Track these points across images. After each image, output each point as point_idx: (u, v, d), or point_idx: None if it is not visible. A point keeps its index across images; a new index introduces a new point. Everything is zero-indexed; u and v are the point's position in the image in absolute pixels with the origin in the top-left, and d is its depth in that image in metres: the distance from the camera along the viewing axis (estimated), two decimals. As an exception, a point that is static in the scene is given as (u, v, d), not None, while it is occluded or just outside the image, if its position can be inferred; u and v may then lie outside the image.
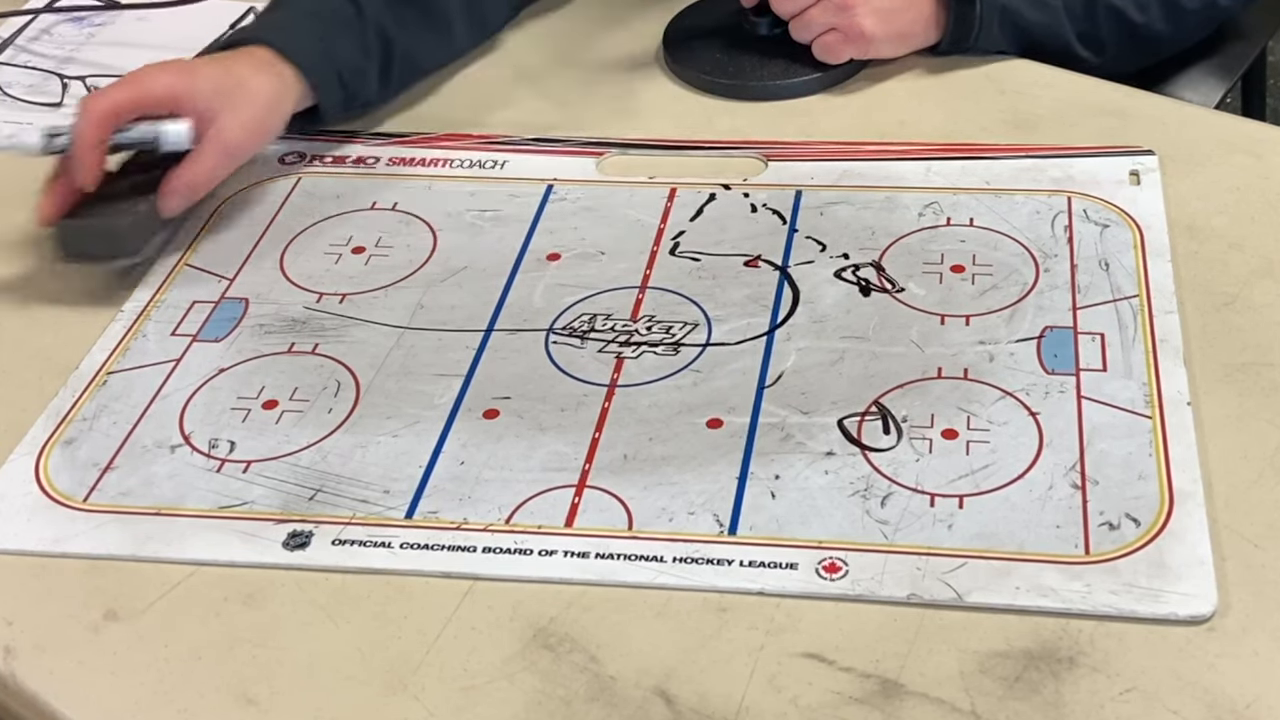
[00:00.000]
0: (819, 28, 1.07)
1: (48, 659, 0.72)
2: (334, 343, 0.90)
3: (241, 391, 0.87)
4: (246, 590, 0.75)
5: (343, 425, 0.84)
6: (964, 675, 0.67)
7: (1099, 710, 0.66)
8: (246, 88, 0.98)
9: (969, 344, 0.86)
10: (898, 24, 1.07)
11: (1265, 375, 0.82)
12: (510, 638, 0.71)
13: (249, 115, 0.97)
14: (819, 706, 0.67)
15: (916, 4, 1.07)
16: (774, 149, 1.04)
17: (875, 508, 0.76)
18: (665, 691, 0.68)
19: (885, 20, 1.06)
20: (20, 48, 1.26)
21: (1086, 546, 0.72)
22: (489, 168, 1.05)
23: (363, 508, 0.78)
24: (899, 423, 0.81)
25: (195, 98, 0.96)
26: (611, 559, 0.74)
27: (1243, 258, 0.90)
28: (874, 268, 0.92)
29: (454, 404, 0.85)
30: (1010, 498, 0.76)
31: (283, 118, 1.01)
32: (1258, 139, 1.02)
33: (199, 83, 0.96)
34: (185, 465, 0.82)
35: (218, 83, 0.97)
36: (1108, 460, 0.77)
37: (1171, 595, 0.70)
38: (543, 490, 0.78)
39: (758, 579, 0.73)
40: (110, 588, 0.76)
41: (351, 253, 0.98)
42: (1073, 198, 0.96)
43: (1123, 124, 1.04)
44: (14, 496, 0.81)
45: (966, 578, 0.71)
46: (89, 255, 0.97)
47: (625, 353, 0.87)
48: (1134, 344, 0.84)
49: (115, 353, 0.91)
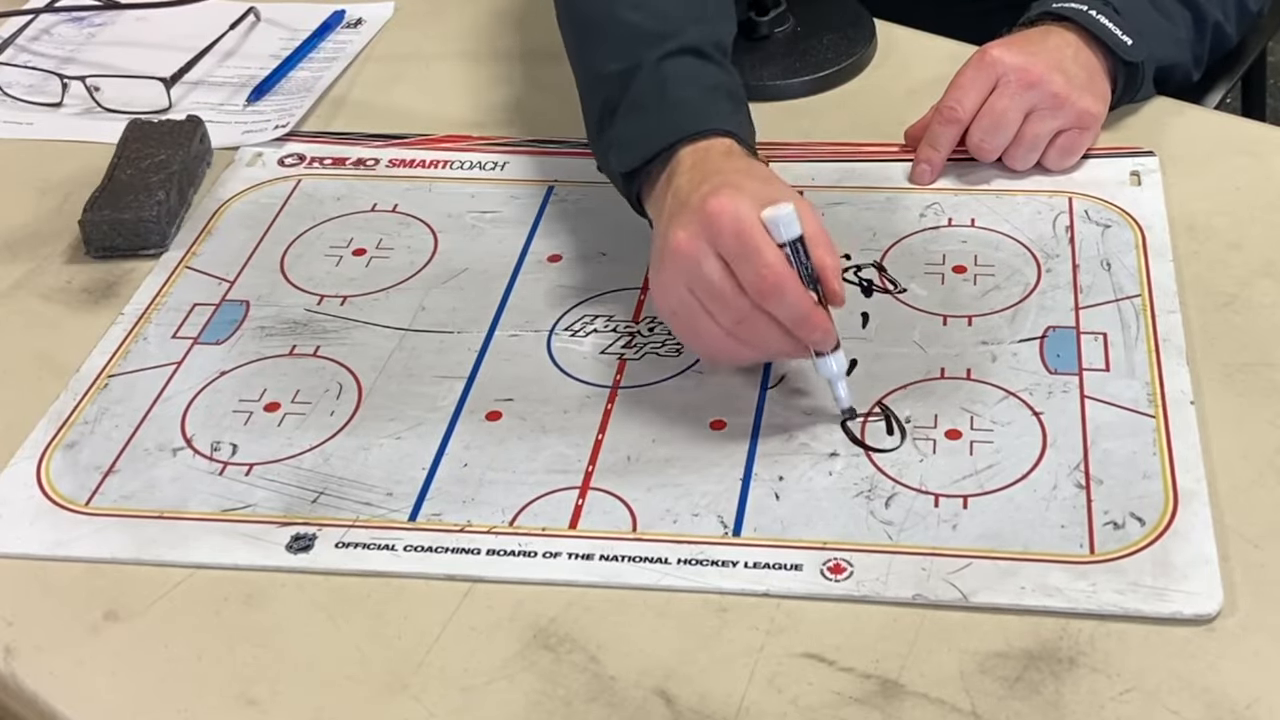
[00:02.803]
0: (1046, 139, 0.98)
1: (48, 659, 0.72)
2: (336, 345, 0.90)
3: (243, 394, 0.87)
4: (246, 590, 0.75)
5: (345, 428, 0.84)
6: (964, 675, 0.67)
7: (1099, 710, 0.66)
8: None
9: (972, 344, 0.86)
10: (1097, 89, 0.99)
11: (1265, 375, 0.82)
12: (510, 638, 0.71)
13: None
14: (819, 706, 0.67)
15: (1091, 64, 0.99)
16: (774, 149, 1.04)
17: (879, 508, 0.76)
18: (665, 691, 0.68)
19: (1090, 90, 0.98)
20: (20, 48, 1.26)
21: (1091, 546, 0.72)
22: (490, 169, 1.05)
23: (366, 510, 0.78)
24: (902, 423, 0.81)
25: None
26: (616, 561, 0.74)
27: (1243, 258, 0.90)
28: (876, 268, 0.92)
29: (456, 406, 0.84)
30: (1014, 498, 0.76)
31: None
32: (1258, 139, 1.02)
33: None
34: (187, 468, 0.82)
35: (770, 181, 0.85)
36: (1112, 460, 0.77)
37: (1177, 594, 0.70)
38: (546, 492, 0.78)
39: (763, 580, 0.72)
40: (110, 588, 0.75)
41: (352, 255, 0.98)
42: (1074, 198, 0.97)
43: (1123, 124, 1.04)
44: (16, 500, 0.81)
45: (972, 578, 0.71)
46: (116, 249, 0.99)
47: (627, 354, 0.87)
48: (1137, 343, 0.84)
49: (116, 356, 0.90)
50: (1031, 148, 0.98)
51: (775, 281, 0.77)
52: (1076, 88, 0.97)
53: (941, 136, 0.99)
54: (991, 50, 0.98)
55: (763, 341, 0.80)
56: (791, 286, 0.77)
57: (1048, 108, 0.97)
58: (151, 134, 1.06)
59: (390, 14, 1.28)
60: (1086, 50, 0.99)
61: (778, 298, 0.77)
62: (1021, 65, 0.97)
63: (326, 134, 1.11)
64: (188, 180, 1.04)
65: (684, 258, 0.79)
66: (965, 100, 0.98)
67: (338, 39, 1.25)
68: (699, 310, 0.80)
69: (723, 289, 0.78)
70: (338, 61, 1.21)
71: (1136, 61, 1.00)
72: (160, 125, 1.07)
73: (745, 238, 0.77)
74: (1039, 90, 0.96)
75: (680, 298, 0.80)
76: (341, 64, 1.20)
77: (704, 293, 0.79)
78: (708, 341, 0.81)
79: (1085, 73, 0.98)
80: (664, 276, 0.81)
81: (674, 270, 0.80)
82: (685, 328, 0.82)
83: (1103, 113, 0.99)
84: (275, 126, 1.12)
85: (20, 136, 1.14)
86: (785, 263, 0.77)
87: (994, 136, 0.98)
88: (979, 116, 0.98)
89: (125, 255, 0.99)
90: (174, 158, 1.03)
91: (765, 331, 0.79)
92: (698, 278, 0.79)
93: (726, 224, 0.78)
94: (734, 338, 0.80)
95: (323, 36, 1.24)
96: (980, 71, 0.98)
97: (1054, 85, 0.96)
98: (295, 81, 1.19)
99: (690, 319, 0.81)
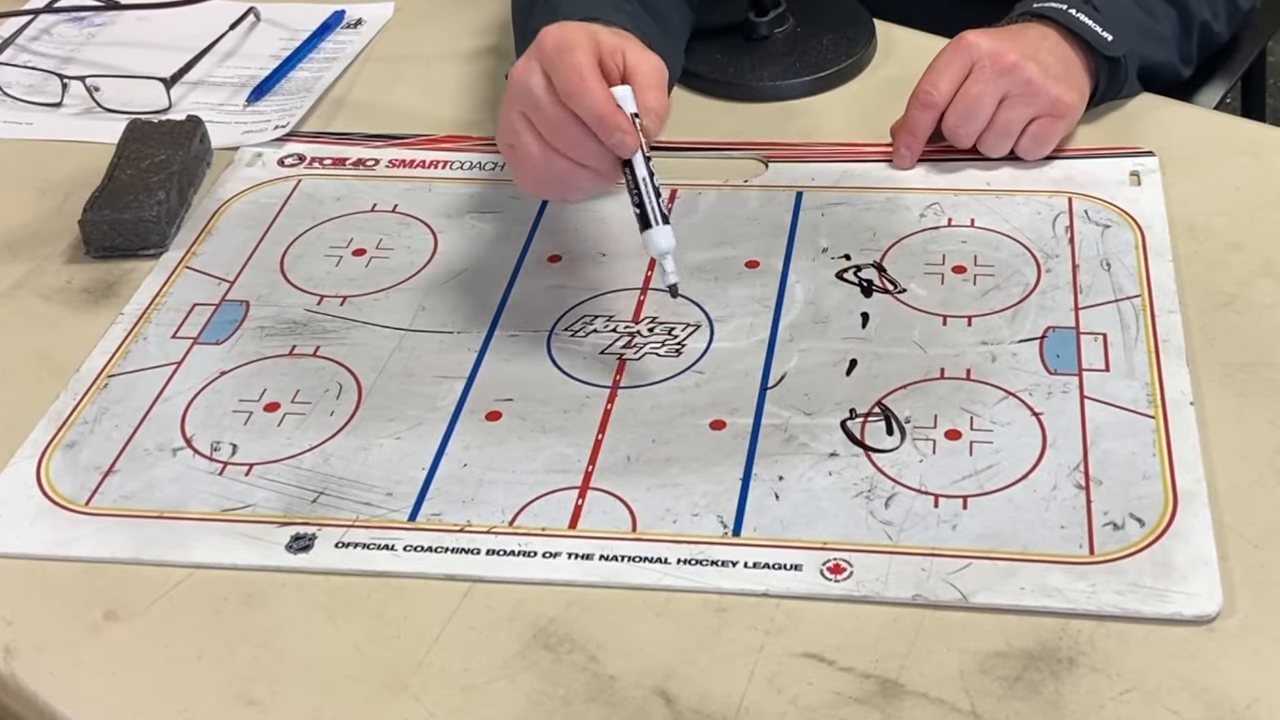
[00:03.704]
0: (1019, 126, 0.98)
1: (48, 659, 0.72)
2: (335, 345, 0.90)
3: (243, 394, 0.87)
4: (246, 590, 0.75)
5: (345, 428, 0.84)
6: (964, 675, 0.67)
7: (1099, 710, 0.66)
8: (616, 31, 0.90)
9: (971, 344, 0.86)
10: (1076, 81, 0.99)
11: (1265, 375, 0.82)
12: (510, 638, 0.71)
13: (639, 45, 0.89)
14: (819, 706, 0.67)
15: (1068, 57, 1.00)
16: (774, 150, 1.04)
17: (879, 509, 0.76)
18: (665, 691, 0.68)
19: (1065, 81, 0.98)
20: (20, 48, 1.26)
21: (1091, 546, 0.72)
22: (490, 169, 1.05)
23: (366, 510, 0.78)
24: (902, 424, 0.81)
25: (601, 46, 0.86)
26: (616, 561, 0.74)
27: (1243, 258, 0.90)
28: (876, 268, 0.92)
29: (456, 406, 0.84)
30: (1014, 498, 0.76)
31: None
32: (1258, 139, 1.02)
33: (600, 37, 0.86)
34: (187, 468, 0.82)
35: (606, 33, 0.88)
36: (1111, 460, 0.77)
37: (1177, 595, 0.70)
38: (546, 492, 0.78)
39: (762, 581, 0.72)
40: (110, 588, 0.75)
41: (352, 255, 0.98)
42: (1073, 198, 0.97)
43: (1123, 124, 1.04)
44: (16, 500, 0.81)
45: (971, 578, 0.71)
46: (116, 249, 0.99)
47: (627, 354, 0.87)
48: (1136, 344, 0.84)
49: (116, 355, 0.90)
50: (1004, 134, 0.98)
51: (576, 81, 0.81)
52: (1051, 77, 0.97)
53: (918, 121, 1.00)
54: (968, 35, 0.99)
55: (574, 148, 0.83)
56: (591, 84, 0.81)
57: (1021, 94, 0.97)
58: (151, 134, 1.06)
59: (390, 14, 1.28)
60: (1065, 44, 1.00)
61: (579, 96, 0.81)
62: (997, 51, 0.97)
63: (326, 134, 1.11)
64: (188, 180, 1.04)
65: (517, 83, 0.85)
66: (940, 84, 0.98)
67: (338, 39, 1.25)
68: (525, 128, 0.84)
69: (541, 97, 0.83)
70: (338, 62, 1.21)
71: (1116, 57, 1.00)
72: (160, 125, 1.07)
73: (563, 48, 0.83)
74: (1012, 76, 0.97)
75: (510, 123, 0.85)
76: (341, 64, 1.20)
77: (530, 105, 0.84)
78: (529, 160, 0.85)
79: (1061, 64, 0.99)
80: (502, 110, 0.87)
81: (510, 98, 0.86)
82: (513, 155, 0.87)
83: (1077, 104, 0.99)
84: (275, 127, 1.12)
85: (20, 136, 1.14)
86: (593, 68, 0.82)
87: (968, 122, 0.98)
88: (954, 101, 0.98)
89: (125, 255, 0.99)
90: (174, 158, 1.03)
91: (576, 137, 0.83)
92: (526, 94, 0.84)
93: (550, 41, 0.83)
94: (550, 149, 0.84)
95: (323, 37, 1.24)
96: (956, 56, 0.98)
97: (1028, 72, 0.96)
98: (295, 82, 1.19)
99: (517, 138, 0.85)
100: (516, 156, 0.87)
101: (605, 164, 0.84)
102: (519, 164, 0.87)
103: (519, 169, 0.88)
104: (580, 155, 0.84)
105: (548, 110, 0.83)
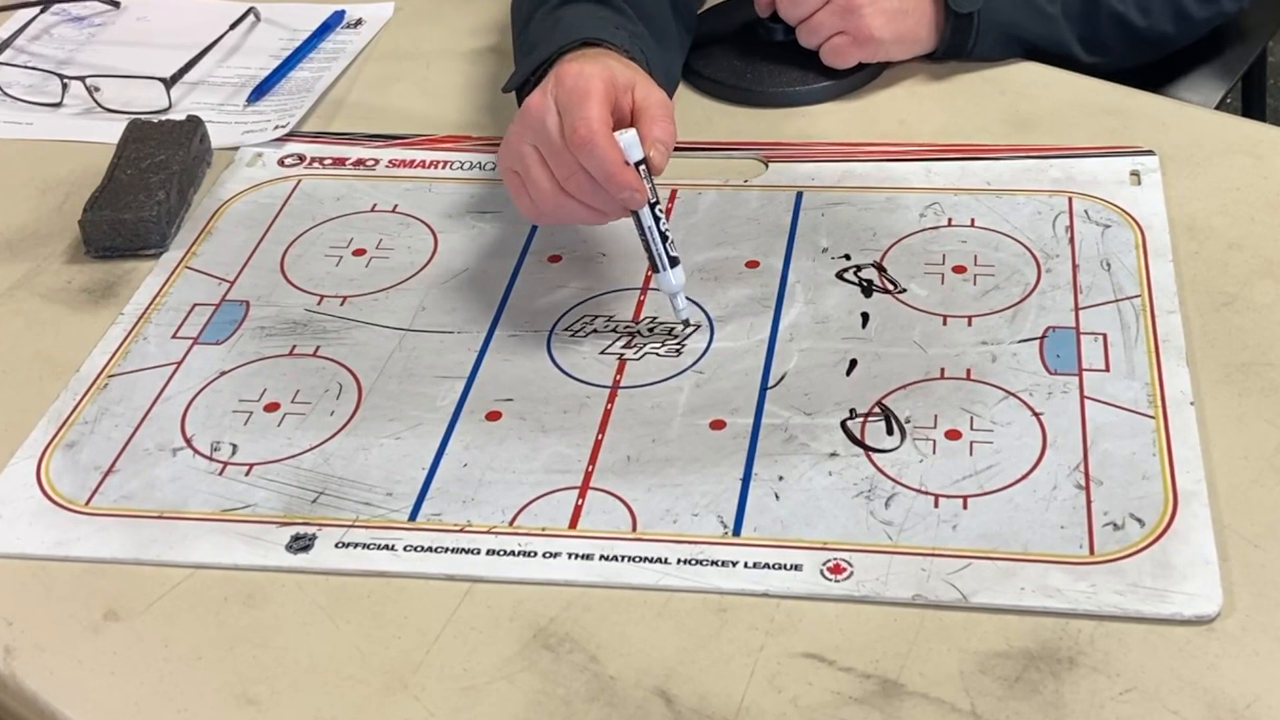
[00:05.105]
0: (827, 31, 1.07)
1: (48, 659, 0.72)
2: (335, 345, 0.90)
3: (243, 394, 0.87)
4: (246, 590, 0.75)
5: (345, 428, 0.84)
6: (964, 675, 0.67)
7: (1099, 710, 0.66)
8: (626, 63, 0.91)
9: (971, 344, 0.86)
10: (903, 26, 1.07)
11: (1265, 375, 0.82)
12: (510, 638, 0.71)
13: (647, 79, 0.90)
14: (819, 706, 0.67)
15: (920, 8, 1.07)
16: (774, 150, 1.04)
17: (879, 509, 0.76)
18: (665, 691, 0.68)
19: (891, 22, 1.06)
20: (20, 48, 1.26)
21: (1091, 547, 0.72)
22: (489, 169, 1.05)
23: (366, 510, 0.78)
24: (902, 423, 0.81)
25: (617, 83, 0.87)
26: (616, 561, 0.74)
27: (1243, 258, 0.90)
28: (876, 268, 0.92)
29: (456, 406, 0.84)
30: (1014, 498, 0.76)
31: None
32: (1258, 139, 1.02)
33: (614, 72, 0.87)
34: (187, 468, 0.82)
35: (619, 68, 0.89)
36: (1111, 460, 0.77)
37: (1177, 595, 0.70)
38: (546, 492, 0.78)
39: (762, 581, 0.72)
40: (110, 588, 0.75)
41: (352, 255, 0.98)
42: (1073, 198, 0.97)
43: (1123, 124, 1.04)
44: (16, 500, 0.81)
45: (971, 578, 0.71)
46: (116, 249, 0.99)
47: (627, 354, 0.87)
48: (1136, 344, 0.84)
49: (116, 355, 0.90)
50: (811, 32, 1.07)
51: (586, 135, 0.82)
52: (878, 7, 1.05)
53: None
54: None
55: (585, 194, 0.84)
56: (601, 142, 0.82)
57: (841, 6, 1.05)
58: (151, 134, 1.06)
59: (390, 14, 1.28)
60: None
61: (587, 150, 0.82)
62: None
63: (326, 134, 1.11)
64: (188, 180, 1.04)
65: (531, 115, 0.85)
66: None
67: (338, 39, 1.25)
68: (536, 163, 0.85)
69: (555, 140, 0.84)
70: (338, 61, 1.21)
71: (964, 13, 1.06)
72: (160, 125, 1.07)
73: (578, 92, 0.83)
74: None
75: (520, 153, 0.86)
76: (341, 64, 1.20)
77: (544, 144, 0.84)
78: (539, 195, 0.85)
79: (904, 6, 1.06)
80: (511, 135, 0.87)
81: (520, 127, 0.86)
82: (519, 183, 0.87)
83: (886, 41, 1.06)
84: (275, 127, 1.12)
85: (20, 136, 1.14)
86: (605, 121, 0.83)
87: (793, 7, 1.07)
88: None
89: (125, 255, 0.99)
90: (174, 158, 1.03)
91: (588, 185, 0.84)
92: (540, 131, 0.84)
93: (568, 79, 0.84)
94: (564, 192, 0.85)
95: (323, 37, 1.24)
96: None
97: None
98: (295, 82, 1.19)
99: (526, 172, 0.85)
100: (522, 185, 0.87)
101: (613, 209, 0.86)
102: (525, 193, 0.87)
103: (523, 197, 0.87)
104: (590, 200, 0.85)
105: (562, 154, 0.84)
